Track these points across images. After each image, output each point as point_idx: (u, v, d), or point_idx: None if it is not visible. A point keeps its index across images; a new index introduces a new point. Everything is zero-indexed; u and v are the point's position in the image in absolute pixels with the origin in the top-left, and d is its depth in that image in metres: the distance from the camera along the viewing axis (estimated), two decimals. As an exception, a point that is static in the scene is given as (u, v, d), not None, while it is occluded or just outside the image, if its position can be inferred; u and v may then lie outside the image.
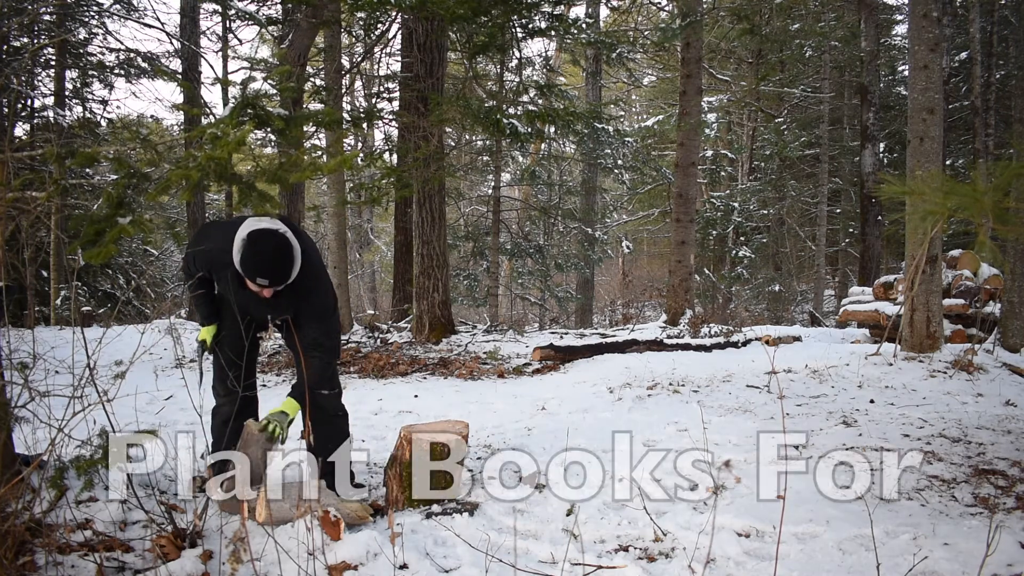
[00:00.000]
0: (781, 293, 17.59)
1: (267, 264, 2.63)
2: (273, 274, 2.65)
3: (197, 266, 2.94)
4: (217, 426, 3.15)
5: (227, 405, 3.13)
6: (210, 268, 2.91)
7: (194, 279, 2.98)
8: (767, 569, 2.27)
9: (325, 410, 3.04)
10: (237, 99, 2.40)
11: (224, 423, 3.08)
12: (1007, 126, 15.99)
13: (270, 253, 2.63)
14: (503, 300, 16.78)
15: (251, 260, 2.62)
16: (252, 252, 2.62)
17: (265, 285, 2.67)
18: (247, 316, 3.00)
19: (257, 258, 2.62)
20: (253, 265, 2.63)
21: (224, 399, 3.14)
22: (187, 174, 2.03)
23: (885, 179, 4.50)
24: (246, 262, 2.63)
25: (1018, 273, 7.15)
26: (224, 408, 3.14)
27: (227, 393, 3.10)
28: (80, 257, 2.25)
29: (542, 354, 6.89)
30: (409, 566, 2.35)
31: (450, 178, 10.22)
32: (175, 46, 12.90)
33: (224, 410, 3.13)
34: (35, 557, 2.16)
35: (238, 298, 2.90)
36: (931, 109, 5.92)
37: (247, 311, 2.99)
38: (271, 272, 2.64)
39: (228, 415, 3.09)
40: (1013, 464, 3.27)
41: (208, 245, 2.86)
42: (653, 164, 14.58)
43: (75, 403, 2.32)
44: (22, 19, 10.79)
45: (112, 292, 14.23)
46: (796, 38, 15.96)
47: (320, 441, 2.99)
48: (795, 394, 5.04)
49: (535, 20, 7.88)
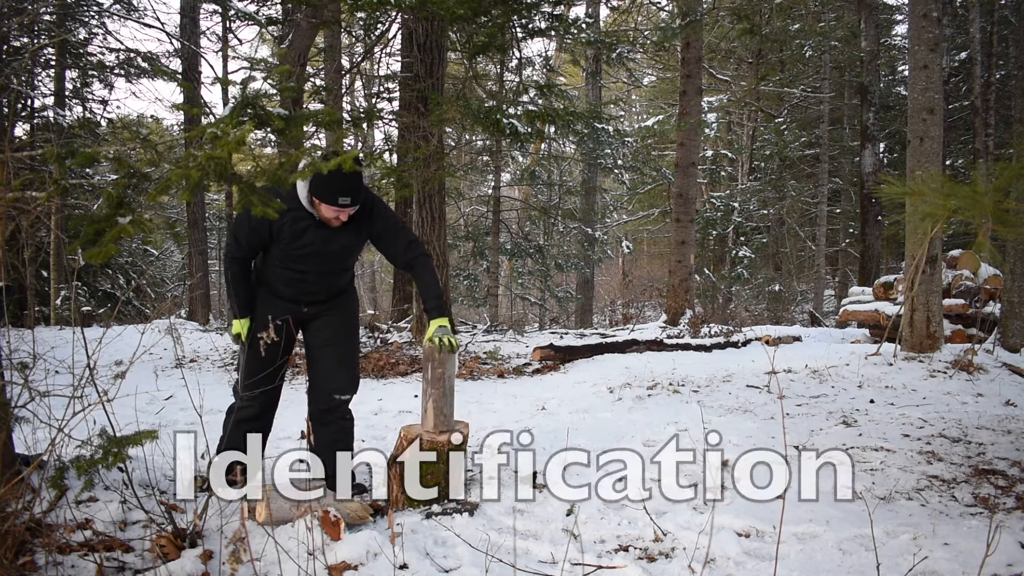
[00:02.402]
0: (781, 293, 17.59)
1: (348, 181, 2.72)
2: (353, 191, 2.75)
3: (251, 237, 2.88)
4: (233, 426, 2.99)
5: (252, 407, 3.02)
6: (269, 231, 2.87)
7: (236, 261, 2.93)
8: (767, 569, 2.27)
9: (338, 412, 3.08)
10: (237, 99, 2.40)
11: (244, 423, 3.00)
12: (1007, 126, 15.98)
13: (349, 173, 2.70)
14: (503, 300, 16.79)
15: (332, 181, 2.70)
16: (330, 174, 2.66)
17: (347, 204, 2.76)
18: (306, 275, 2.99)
19: (337, 177, 2.69)
20: (336, 185, 2.72)
21: (249, 400, 3.00)
22: (187, 174, 2.03)
23: (885, 179, 4.51)
24: (327, 185, 2.72)
25: (1018, 273, 7.15)
26: (246, 409, 3.01)
27: (255, 397, 2.99)
28: (80, 257, 2.25)
29: (542, 354, 6.89)
30: (409, 566, 2.35)
31: (450, 178, 10.21)
32: (175, 46, 12.91)
33: (246, 411, 3.02)
34: (35, 557, 2.16)
35: (302, 247, 2.89)
36: (931, 109, 5.92)
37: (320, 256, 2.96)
38: (352, 188, 2.74)
39: (250, 417, 3.02)
40: (1013, 464, 3.27)
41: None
42: (653, 164, 14.59)
43: (75, 403, 2.32)
44: (22, 19, 10.78)
45: (112, 292, 14.23)
46: (796, 38, 15.96)
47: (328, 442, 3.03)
48: (795, 394, 5.04)
49: (535, 20, 7.87)
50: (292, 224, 2.86)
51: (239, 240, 2.92)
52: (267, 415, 3.14)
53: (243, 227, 2.89)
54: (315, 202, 2.83)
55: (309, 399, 3.16)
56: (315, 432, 3.16)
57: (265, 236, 2.89)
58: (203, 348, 7.97)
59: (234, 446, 2.88)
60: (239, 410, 3.03)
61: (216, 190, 15.38)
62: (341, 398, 3.07)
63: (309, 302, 3.06)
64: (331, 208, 2.79)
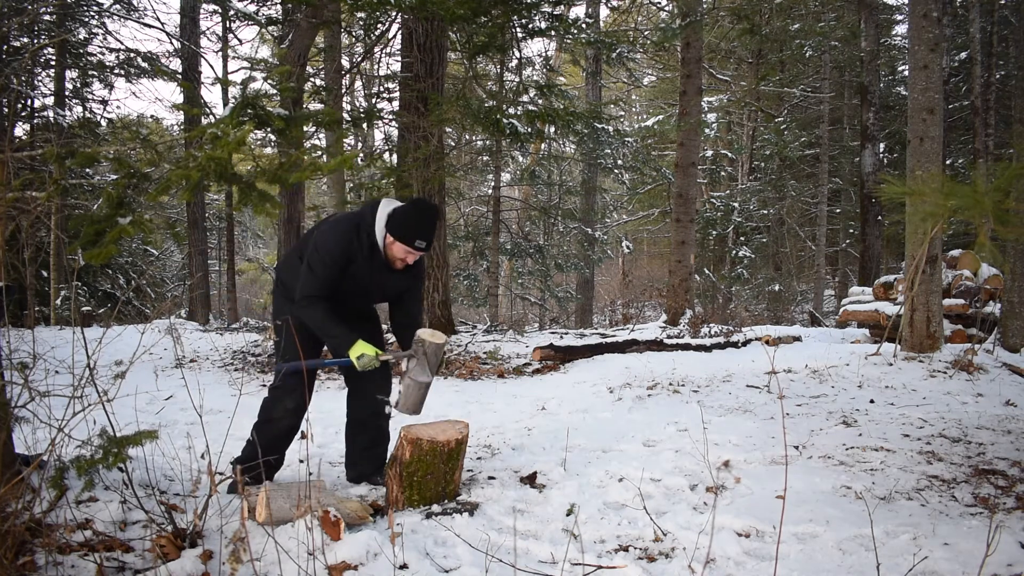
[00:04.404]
0: (781, 293, 17.59)
1: (429, 226, 2.86)
2: (431, 235, 2.89)
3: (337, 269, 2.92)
4: (270, 435, 3.05)
5: (289, 419, 3.09)
6: (348, 264, 2.93)
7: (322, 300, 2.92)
8: (767, 569, 2.27)
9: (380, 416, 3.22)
10: (237, 99, 2.40)
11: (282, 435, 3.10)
12: (1007, 126, 15.98)
13: (432, 216, 2.86)
14: (503, 300, 16.78)
15: (417, 223, 2.85)
16: (419, 216, 2.85)
17: (423, 248, 2.88)
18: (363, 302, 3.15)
19: (423, 221, 2.85)
20: (418, 228, 2.85)
21: (289, 412, 3.07)
22: (187, 174, 2.03)
23: (885, 179, 4.51)
24: (413, 226, 2.85)
25: (1018, 273, 7.15)
26: (285, 422, 3.09)
27: (297, 407, 3.07)
28: (80, 257, 2.25)
29: (542, 354, 6.89)
30: (409, 566, 2.35)
31: (450, 178, 10.21)
32: (175, 46, 12.91)
33: (285, 424, 3.09)
34: (35, 557, 2.16)
35: (361, 283, 2.99)
36: (931, 109, 5.92)
37: (367, 295, 3.09)
38: (430, 233, 2.88)
39: (287, 429, 3.11)
40: (1013, 464, 3.27)
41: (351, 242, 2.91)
42: (653, 164, 14.58)
43: (75, 403, 2.31)
44: (22, 19, 10.78)
45: (112, 292, 14.23)
46: (796, 38, 15.96)
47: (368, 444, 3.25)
48: (795, 394, 5.04)
49: (535, 20, 7.87)
50: (360, 260, 2.94)
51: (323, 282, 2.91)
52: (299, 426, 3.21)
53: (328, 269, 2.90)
54: (388, 239, 2.90)
55: (350, 406, 3.29)
56: (354, 436, 3.29)
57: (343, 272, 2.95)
58: (203, 348, 7.97)
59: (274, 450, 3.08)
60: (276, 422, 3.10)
61: (216, 190, 15.37)
62: (384, 399, 3.16)
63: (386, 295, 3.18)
64: (404, 248, 2.89)
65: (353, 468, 3.30)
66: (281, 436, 3.12)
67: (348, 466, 3.33)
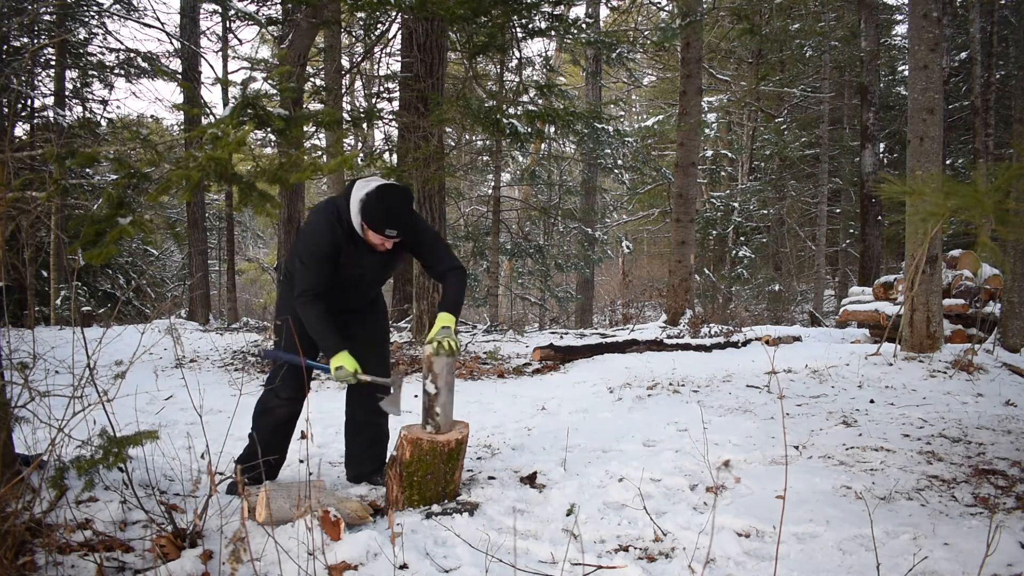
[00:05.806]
0: (781, 293, 17.59)
1: (397, 213, 2.81)
2: (401, 224, 2.83)
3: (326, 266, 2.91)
4: (268, 427, 3.09)
5: (286, 407, 3.11)
6: (337, 258, 2.92)
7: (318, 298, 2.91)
8: (767, 569, 2.27)
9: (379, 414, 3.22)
10: (237, 99, 2.40)
11: (280, 425, 3.12)
12: (1007, 126, 15.99)
13: (400, 202, 2.81)
14: (503, 300, 16.78)
15: (386, 212, 2.79)
16: (384, 206, 2.79)
17: (394, 236, 2.83)
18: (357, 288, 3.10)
19: (391, 209, 2.80)
20: (387, 217, 2.79)
21: (284, 401, 3.09)
22: (187, 174, 2.03)
23: (885, 179, 4.51)
24: (379, 216, 2.79)
25: (1018, 273, 7.15)
26: (281, 410, 3.11)
27: (291, 397, 3.09)
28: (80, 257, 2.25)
29: (542, 354, 6.89)
30: (409, 566, 2.35)
31: (450, 178, 10.21)
32: (175, 46, 12.92)
33: (281, 412, 3.11)
34: (35, 557, 2.16)
35: (354, 268, 2.97)
36: (931, 109, 5.92)
37: (360, 280, 3.06)
38: (401, 222, 2.82)
39: (285, 418, 3.12)
40: (1013, 464, 3.27)
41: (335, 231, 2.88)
42: (653, 164, 14.58)
43: (75, 403, 2.31)
44: (22, 19, 10.79)
45: (112, 292, 14.23)
46: (796, 38, 15.97)
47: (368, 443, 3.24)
48: (795, 394, 5.04)
49: (535, 20, 7.87)
50: (347, 246, 2.92)
51: (317, 276, 2.91)
52: (295, 418, 3.22)
53: (320, 263, 2.90)
54: (364, 227, 2.88)
55: (349, 405, 3.29)
56: (354, 436, 3.30)
57: (335, 262, 2.94)
58: (203, 348, 7.97)
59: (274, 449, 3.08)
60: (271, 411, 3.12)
61: (216, 190, 15.37)
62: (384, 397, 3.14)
63: (344, 310, 3.13)
64: (378, 236, 2.87)
65: (353, 468, 3.31)
66: (279, 426, 3.12)
67: (348, 466, 3.33)
